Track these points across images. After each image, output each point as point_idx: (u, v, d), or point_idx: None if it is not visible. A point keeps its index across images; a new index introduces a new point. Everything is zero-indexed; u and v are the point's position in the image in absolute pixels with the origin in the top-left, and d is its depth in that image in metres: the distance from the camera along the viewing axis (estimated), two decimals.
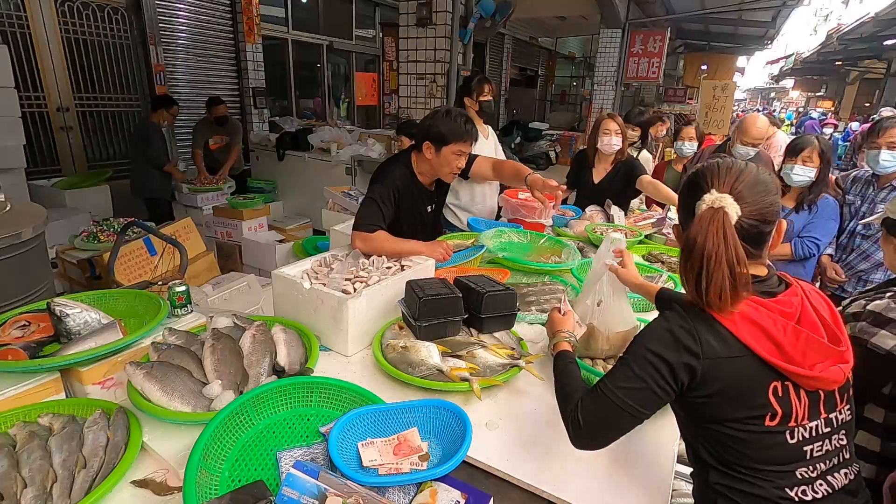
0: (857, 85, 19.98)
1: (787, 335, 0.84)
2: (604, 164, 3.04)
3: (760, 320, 0.85)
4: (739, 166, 0.90)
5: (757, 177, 0.89)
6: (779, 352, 0.84)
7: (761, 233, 0.89)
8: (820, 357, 0.84)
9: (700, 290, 0.84)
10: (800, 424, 0.86)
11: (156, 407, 1.10)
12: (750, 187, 0.87)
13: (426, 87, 5.85)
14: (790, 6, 9.43)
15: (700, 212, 0.87)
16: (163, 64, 5.34)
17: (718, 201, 0.86)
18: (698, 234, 0.84)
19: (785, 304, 0.88)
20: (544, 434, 1.20)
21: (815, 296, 0.92)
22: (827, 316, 0.89)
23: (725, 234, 0.83)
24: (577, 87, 15.76)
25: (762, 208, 0.87)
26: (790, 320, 0.86)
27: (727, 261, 0.82)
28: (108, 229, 3.18)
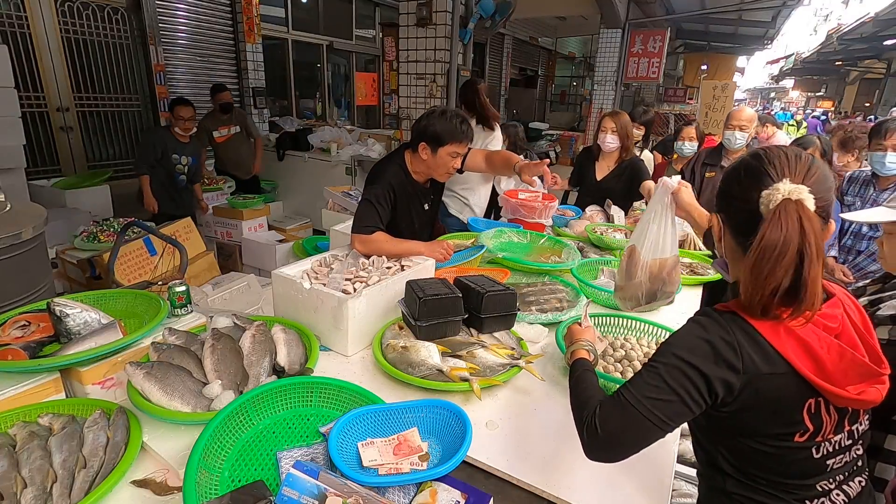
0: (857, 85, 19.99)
1: (830, 353, 0.78)
2: (607, 161, 3.04)
3: (805, 335, 0.79)
4: (809, 156, 0.83)
5: (825, 170, 0.82)
6: (819, 370, 0.78)
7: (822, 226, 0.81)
8: (860, 378, 0.78)
9: (793, 295, 0.76)
10: (826, 439, 0.83)
11: (156, 407, 1.10)
12: (820, 181, 0.79)
13: (426, 87, 5.85)
14: (790, 6, 9.42)
15: (774, 203, 0.77)
16: (163, 64, 5.34)
17: (797, 192, 0.76)
18: (787, 229, 0.74)
19: (829, 317, 0.81)
20: (544, 434, 1.20)
21: (851, 306, 0.85)
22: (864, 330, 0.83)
23: (815, 229, 0.75)
24: (577, 87, 15.75)
25: (827, 205, 0.80)
26: (832, 335, 0.80)
27: (822, 258, 0.75)
28: (108, 229, 3.18)
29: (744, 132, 2.94)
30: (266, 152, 5.66)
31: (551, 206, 2.74)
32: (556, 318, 1.70)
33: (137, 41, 5.24)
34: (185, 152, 3.97)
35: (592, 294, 1.92)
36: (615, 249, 2.45)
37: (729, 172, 0.89)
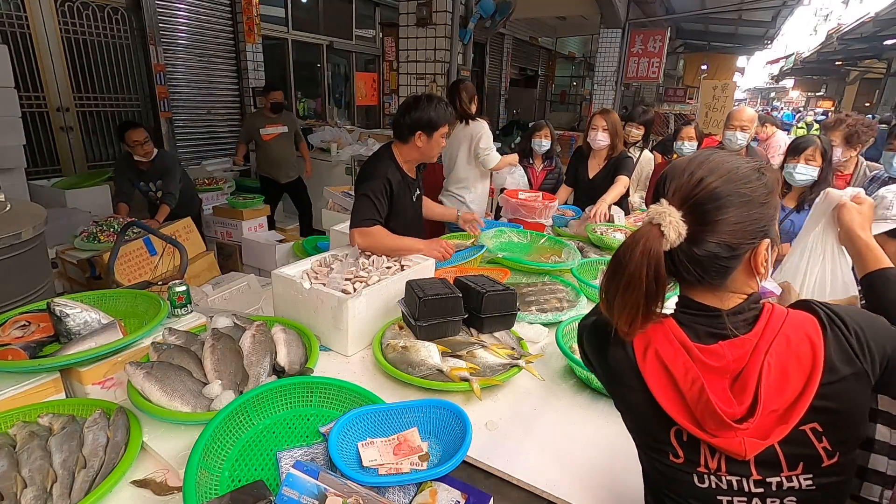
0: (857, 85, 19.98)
1: (692, 390, 0.71)
2: (597, 159, 3.09)
3: (669, 362, 0.73)
4: (709, 167, 0.71)
5: (730, 182, 0.69)
6: (681, 404, 0.72)
7: (718, 259, 0.70)
8: (716, 424, 0.69)
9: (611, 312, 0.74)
10: (712, 473, 0.73)
11: (156, 407, 1.10)
12: (714, 198, 0.69)
13: (426, 87, 5.85)
14: (790, 6, 9.43)
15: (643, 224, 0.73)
16: (163, 64, 5.33)
17: (658, 216, 0.70)
18: (626, 251, 0.71)
19: (716, 355, 0.72)
20: (544, 434, 1.20)
21: (792, 345, 0.70)
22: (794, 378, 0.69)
23: (650, 259, 0.69)
24: (577, 86, 15.75)
25: (729, 228, 0.69)
26: (711, 374, 0.71)
27: (646, 293, 0.70)
28: (108, 229, 3.18)
29: (745, 133, 2.93)
30: None
31: (551, 205, 2.74)
32: (556, 318, 1.70)
33: (137, 41, 5.23)
34: (150, 177, 3.64)
35: (592, 294, 1.92)
36: (615, 249, 2.44)
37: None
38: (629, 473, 1.08)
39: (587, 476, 1.08)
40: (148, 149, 3.53)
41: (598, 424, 1.24)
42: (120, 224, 3.23)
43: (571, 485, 1.04)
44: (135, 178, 3.66)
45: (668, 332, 0.75)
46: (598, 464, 1.11)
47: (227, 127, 6.36)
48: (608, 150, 3.00)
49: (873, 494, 1.23)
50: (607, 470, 1.09)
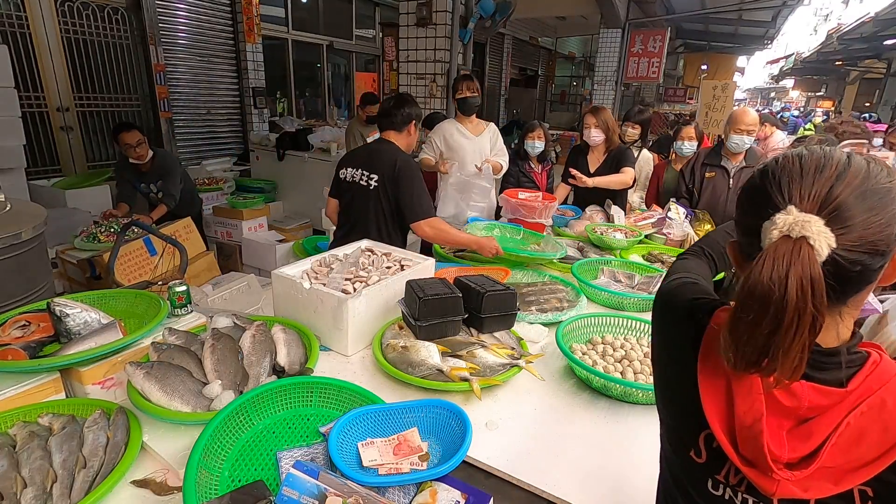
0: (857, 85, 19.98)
1: (746, 415, 0.61)
2: (596, 155, 3.15)
3: (737, 382, 0.63)
4: (840, 163, 0.58)
5: (868, 179, 0.57)
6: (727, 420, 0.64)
7: (866, 271, 0.57)
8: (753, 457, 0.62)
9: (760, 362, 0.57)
10: (729, 485, 0.67)
11: (156, 407, 1.10)
12: (858, 198, 0.56)
13: (426, 87, 5.85)
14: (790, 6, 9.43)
15: (771, 240, 0.57)
16: (163, 64, 5.33)
17: (799, 228, 0.55)
18: (773, 280, 0.54)
19: (793, 395, 0.60)
20: (544, 434, 1.20)
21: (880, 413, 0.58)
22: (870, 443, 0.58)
23: (813, 285, 0.53)
24: (577, 86, 15.76)
25: (875, 231, 0.55)
26: (777, 414, 0.61)
27: (811, 324, 0.54)
28: (108, 229, 3.18)
29: (751, 136, 2.93)
30: (266, 152, 5.67)
31: (551, 206, 2.74)
32: (556, 318, 1.70)
33: (137, 41, 5.23)
34: (150, 179, 3.59)
35: (592, 294, 1.92)
36: (615, 249, 2.45)
37: (739, 194, 0.69)
38: (629, 473, 1.08)
39: (587, 476, 1.08)
40: (142, 151, 3.46)
41: (598, 424, 1.24)
42: (120, 224, 3.23)
43: (571, 485, 1.04)
44: (135, 180, 3.63)
45: None
46: (599, 464, 1.11)
47: (227, 127, 6.36)
48: (605, 144, 3.09)
49: None
50: (607, 470, 1.09)
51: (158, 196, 3.61)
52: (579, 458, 1.12)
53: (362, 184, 2.27)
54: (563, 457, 1.12)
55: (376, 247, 1.94)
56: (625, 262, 2.23)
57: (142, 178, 3.61)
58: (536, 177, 3.45)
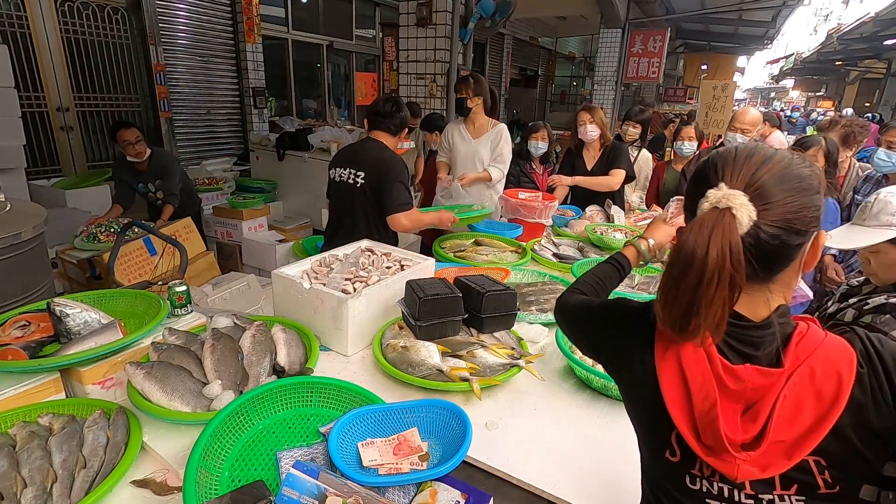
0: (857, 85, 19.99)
1: (703, 402, 0.67)
2: (592, 151, 3.19)
3: (691, 372, 0.69)
4: (765, 153, 0.68)
5: (789, 168, 0.66)
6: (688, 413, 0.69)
7: (785, 247, 0.66)
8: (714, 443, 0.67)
9: (688, 317, 0.65)
10: (705, 476, 0.72)
11: (156, 407, 1.10)
12: (778, 180, 0.65)
13: (426, 87, 5.85)
14: (790, 6, 9.43)
15: (701, 213, 0.66)
16: (163, 64, 5.33)
17: (726, 199, 0.64)
18: (696, 244, 0.63)
19: (738, 377, 0.67)
20: (544, 434, 1.20)
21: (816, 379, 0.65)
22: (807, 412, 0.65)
23: (731, 248, 0.62)
24: (577, 87, 15.76)
25: (793, 210, 0.65)
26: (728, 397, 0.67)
27: (731, 283, 0.62)
28: (108, 229, 3.18)
29: (745, 135, 2.93)
30: (266, 152, 5.66)
31: (551, 206, 2.74)
32: None
33: (137, 41, 5.23)
34: (148, 178, 3.55)
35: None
36: (615, 249, 2.44)
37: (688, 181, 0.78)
38: (629, 473, 1.08)
39: (587, 476, 1.08)
40: (140, 149, 3.45)
41: (597, 424, 1.24)
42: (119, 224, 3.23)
43: (571, 485, 1.04)
44: (133, 180, 3.61)
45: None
46: (598, 464, 1.11)
47: (227, 127, 6.36)
48: (600, 140, 3.13)
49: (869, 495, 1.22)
50: (607, 470, 1.09)
51: (157, 195, 3.59)
52: (579, 459, 1.12)
53: (350, 182, 2.33)
54: (563, 457, 1.12)
55: (376, 247, 1.94)
56: None
57: (140, 178, 3.60)
58: (537, 178, 3.43)
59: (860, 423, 0.64)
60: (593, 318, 0.89)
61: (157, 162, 3.60)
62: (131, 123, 3.51)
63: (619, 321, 0.82)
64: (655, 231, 1.17)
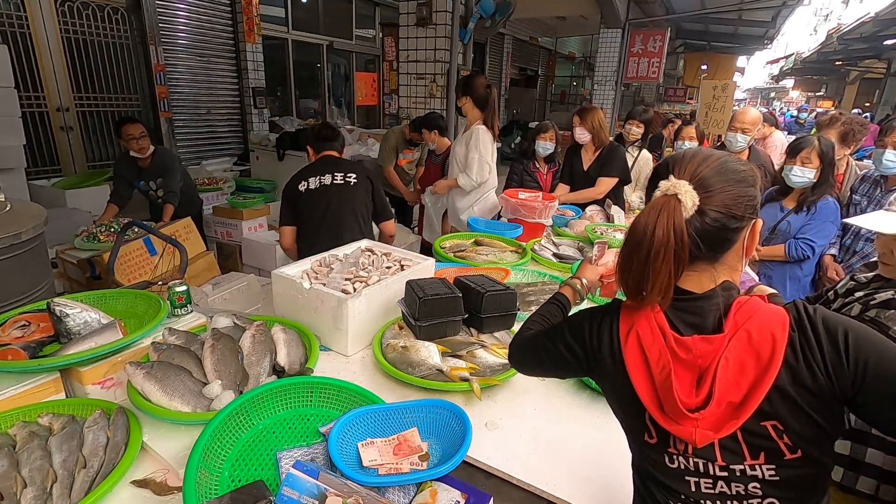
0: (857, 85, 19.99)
1: (661, 375, 0.76)
2: (588, 152, 3.20)
3: (646, 345, 0.78)
4: (707, 153, 0.80)
5: (726, 164, 0.78)
6: (651, 389, 0.77)
7: (725, 229, 0.75)
8: (675, 414, 0.74)
9: (640, 287, 0.76)
10: (681, 454, 0.78)
11: (156, 407, 1.10)
12: (716, 173, 0.76)
13: (426, 87, 5.85)
14: (790, 6, 9.43)
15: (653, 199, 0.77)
16: (163, 64, 5.33)
17: (673, 188, 0.75)
18: (647, 223, 0.74)
19: (687, 347, 0.75)
20: (544, 434, 1.20)
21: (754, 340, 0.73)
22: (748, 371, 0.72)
23: (675, 226, 0.73)
24: (577, 86, 15.77)
25: (730, 198, 0.75)
26: (682, 367, 0.75)
27: (675, 257, 0.73)
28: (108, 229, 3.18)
29: (745, 135, 2.94)
30: (266, 152, 5.66)
31: (551, 206, 2.74)
32: None
33: (137, 41, 5.23)
34: (150, 176, 3.55)
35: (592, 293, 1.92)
36: (615, 248, 2.44)
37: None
38: (628, 473, 1.08)
39: (587, 476, 1.08)
40: (144, 144, 3.45)
41: (597, 424, 1.24)
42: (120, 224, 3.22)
43: (571, 485, 1.04)
44: (134, 178, 3.59)
45: (651, 317, 0.79)
46: (598, 464, 1.11)
47: (227, 127, 6.36)
48: (594, 141, 3.14)
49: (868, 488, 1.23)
50: (607, 470, 1.09)
51: (158, 194, 3.59)
52: (579, 458, 1.12)
53: (340, 182, 2.38)
54: (562, 457, 1.12)
55: (376, 247, 1.94)
56: None
57: (141, 176, 3.59)
58: (541, 177, 3.45)
59: (798, 385, 0.71)
60: (559, 334, 0.93)
61: (160, 160, 3.60)
62: (137, 119, 3.52)
63: (587, 320, 0.89)
64: (585, 271, 1.25)
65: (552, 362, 0.95)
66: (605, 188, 3.11)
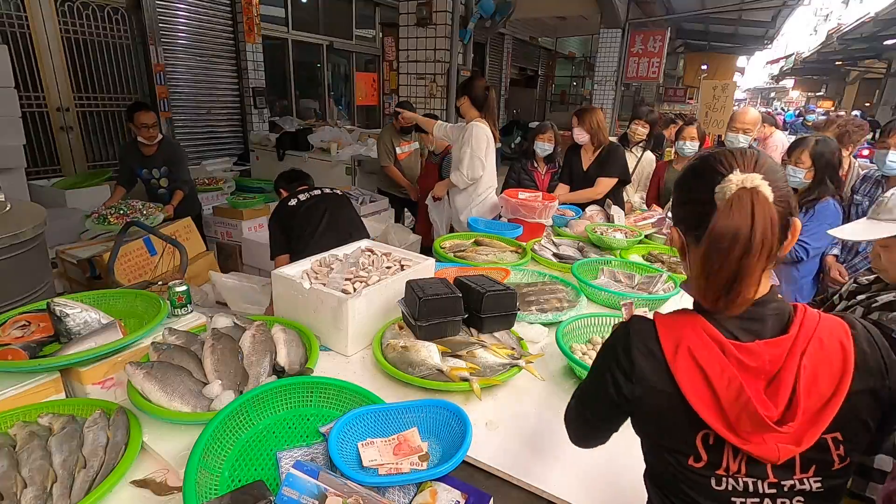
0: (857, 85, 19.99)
1: (728, 390, 0.70)
2: (588, 153, 3.21)
3: (703, 360, 0.71)
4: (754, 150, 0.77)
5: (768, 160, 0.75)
6: (714, 405, 0.71)
7: (787, 225, 0.72)
8: (754, 427, 0.69)
9: (731, 288, 0.69)
10: (731, 476, 0.73)
11: (156, 407, 1.10)
12: (770, 169, 0.73)
13: (426, 87, 5.86)
14: (790, 6, 9.43)
15: (728, 194, 0.70)
16: (163, 64, 5.33)
17: (750, 180, 0.69)
18: (740, 220, 0.68)
19: (753, 354, 0.71)
20: (544, 434, 1.20)
21: (826, 348, 0.71)
22: (824, 382, 0.70)
23: (768, 218, 0.68)
24: (577, 87, 15.77)
25: (788, 192, 0.73)
26: (747, 374, 0.70)
27: (769, 254, 0.68)
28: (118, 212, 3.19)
29: (747, 135, 2.94)
30: (266, 152, 5.66)
31: (551, 206, 2.74)
32: (556, 318, 1.69)
33: (137, 41, 5.23)
34: (154, 164, 3.58)
35: (592, 294, 1.92)
36: (615, 249, 2.45)
37: (679, 182, 0.83)
38: (628, 473, 1.08)
39: (587, 476, 1.08)
40: (154, 133, 3.52)
41: None
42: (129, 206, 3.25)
43: (571, 485, 1.04)
44: (138, 165, 3.59)
45: (699, 329, 0.74)
46: (598, 464, 1.11)
47: (227, 127, 6.36)
48: (593, 142, 3.14)
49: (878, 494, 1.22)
50: (607, 470, 1.09)
51: (160, 183, 3.62)
52: (579, 459, 1.12)
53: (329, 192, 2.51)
54: (563, 457, 1.12)
55: (376, 247, 1.94)
56: (625, 262, 2.23)
57: (145, 164, 3.59)
58: (538, 177, 3.45)
59: (861, 392, 0.70)
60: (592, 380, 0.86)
61: (167, 148, 3.64)
62: (150, 107, 3.57)
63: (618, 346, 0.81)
64: None
65: (598, 412, 0.86)
66: (605, 188, 3.11)
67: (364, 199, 4.39)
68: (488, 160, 3.07)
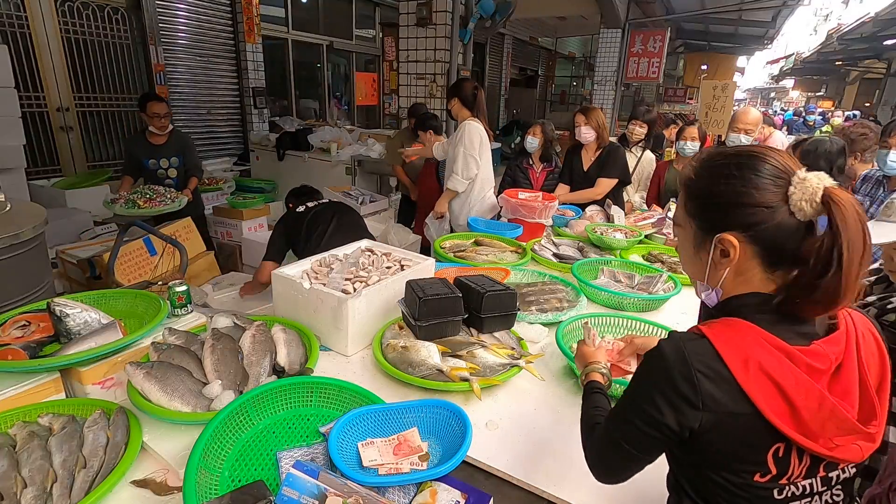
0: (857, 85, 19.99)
1: (808, 399, 0.67)
2: (589, 152, 3.22)
3: (779, 375, 0.67)
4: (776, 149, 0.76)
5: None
6: (792, 417, 0.68)
7: None
8: (841, 433, 0.68)
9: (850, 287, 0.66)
10: (792, 482, 0.73)
11: (156, 407, 1.10)
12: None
13: (426, 87, 5.86)
14: (790, 6, 9.43)
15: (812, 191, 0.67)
16: (163, 64, 5.34)
17: (824, 179, 0.68)
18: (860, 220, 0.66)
19: (819, 356, 0.69)
20: (544, 434, 1.20)
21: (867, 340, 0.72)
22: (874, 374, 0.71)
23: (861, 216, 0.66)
24: (577, 87, 15.77)
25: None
26: (818, 378, 0.68)
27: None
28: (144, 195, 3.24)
29: (748, 135, 2.94)
30: (266, 152, 5.66)
31: (551, 206, 2.74)
32: (556, 318, 1.70)
33: (137, 41, 5.24)
34: (164, 154, 3.60)
35: (592, 294, 1.92)
36: (615, 249, 2.45)
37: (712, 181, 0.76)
38: None
39: (587, 476, 1.07)
40: (166, 122, 3.59)
41: None
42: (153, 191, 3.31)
43: (572, 485, 1.04)
44: (145, 156, 3.59)
45: (761, 340, 0.70)
46: None
47: (227, 127, 6.37)
48: (596, 141, 3.14)
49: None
50: None
51: (168, 173, 3.65)
52: (579, 459, 1.11)
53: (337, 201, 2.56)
54: (563, 457, 1.12)
55: (376, 247, 1.94)
56: (625, 262, 2.23)
57: (153, 154, 3.60)
58: (533, 174, 3.47)
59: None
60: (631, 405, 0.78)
61: (178, 138, 3.70)
62: (163, 98, 3.65)
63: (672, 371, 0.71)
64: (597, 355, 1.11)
65: (644, 446, 0.78)
66: (605, 189, 3.12)
67: (364, 200, 4.39)
68: (483, 158, 3.06)
